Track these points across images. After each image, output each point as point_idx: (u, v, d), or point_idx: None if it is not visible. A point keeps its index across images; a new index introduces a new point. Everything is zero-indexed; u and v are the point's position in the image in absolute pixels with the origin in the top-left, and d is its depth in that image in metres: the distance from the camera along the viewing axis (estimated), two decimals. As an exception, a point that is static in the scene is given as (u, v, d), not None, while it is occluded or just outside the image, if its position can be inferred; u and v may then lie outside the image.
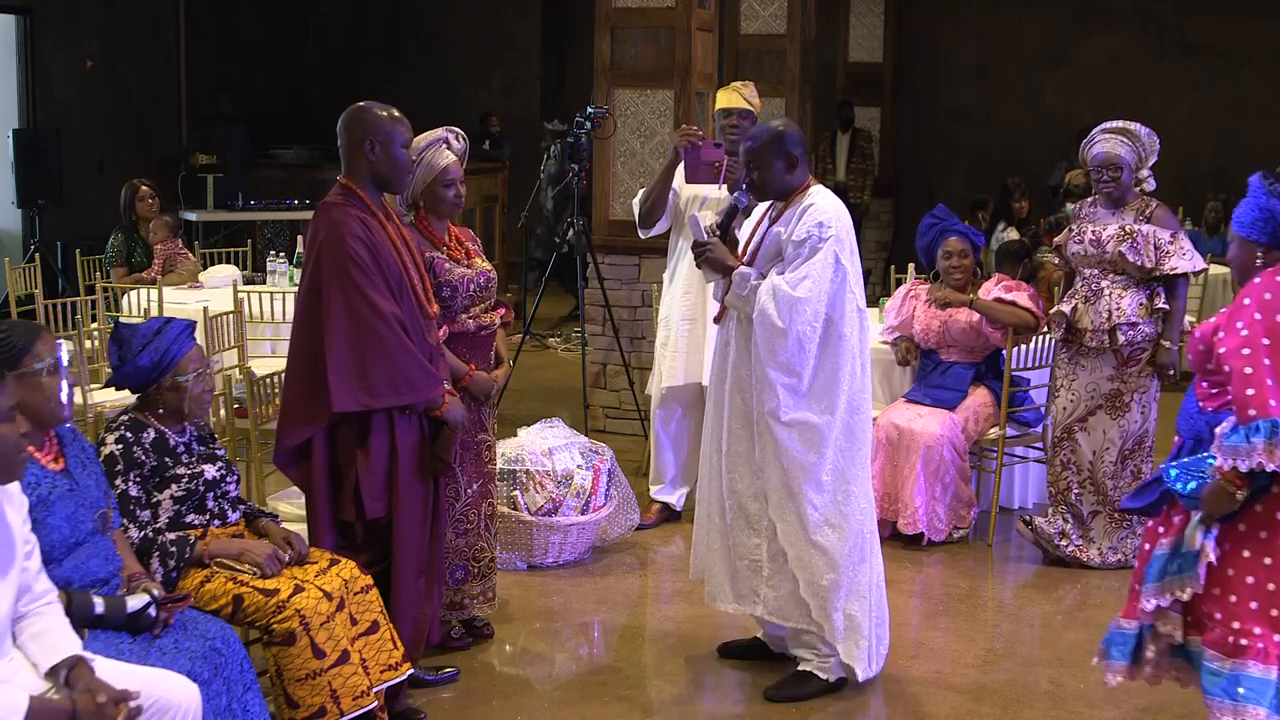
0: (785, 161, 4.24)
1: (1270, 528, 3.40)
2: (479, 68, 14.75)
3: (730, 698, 4.45)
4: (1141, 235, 5.39)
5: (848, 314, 4.15)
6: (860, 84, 13.79)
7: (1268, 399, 3.29)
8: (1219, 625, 3.46)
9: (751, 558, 4.31)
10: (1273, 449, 3.26)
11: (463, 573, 4.59)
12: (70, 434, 3.36)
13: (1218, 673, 3.43)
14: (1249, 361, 3.33)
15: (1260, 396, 3.30)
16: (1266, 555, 3.40)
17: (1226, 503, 3.38)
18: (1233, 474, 3.33)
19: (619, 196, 7.41)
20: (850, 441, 4.21)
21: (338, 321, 3.80)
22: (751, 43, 9.37)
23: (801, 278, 4.10)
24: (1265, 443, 3.26)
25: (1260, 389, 3.30)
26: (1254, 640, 3.40)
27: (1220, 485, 3.36)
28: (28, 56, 11.62)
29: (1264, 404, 3.29)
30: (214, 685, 3.24)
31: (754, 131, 4.35)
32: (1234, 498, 3.35)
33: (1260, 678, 3.38)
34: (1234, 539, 3.44)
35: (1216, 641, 3.45)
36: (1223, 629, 3.45)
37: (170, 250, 8.12)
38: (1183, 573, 3.48)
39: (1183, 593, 3.48)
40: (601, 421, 7.53)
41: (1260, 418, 3.28)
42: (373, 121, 3.93)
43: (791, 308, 4.07)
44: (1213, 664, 3.44)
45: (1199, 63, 13.24)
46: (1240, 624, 3.41)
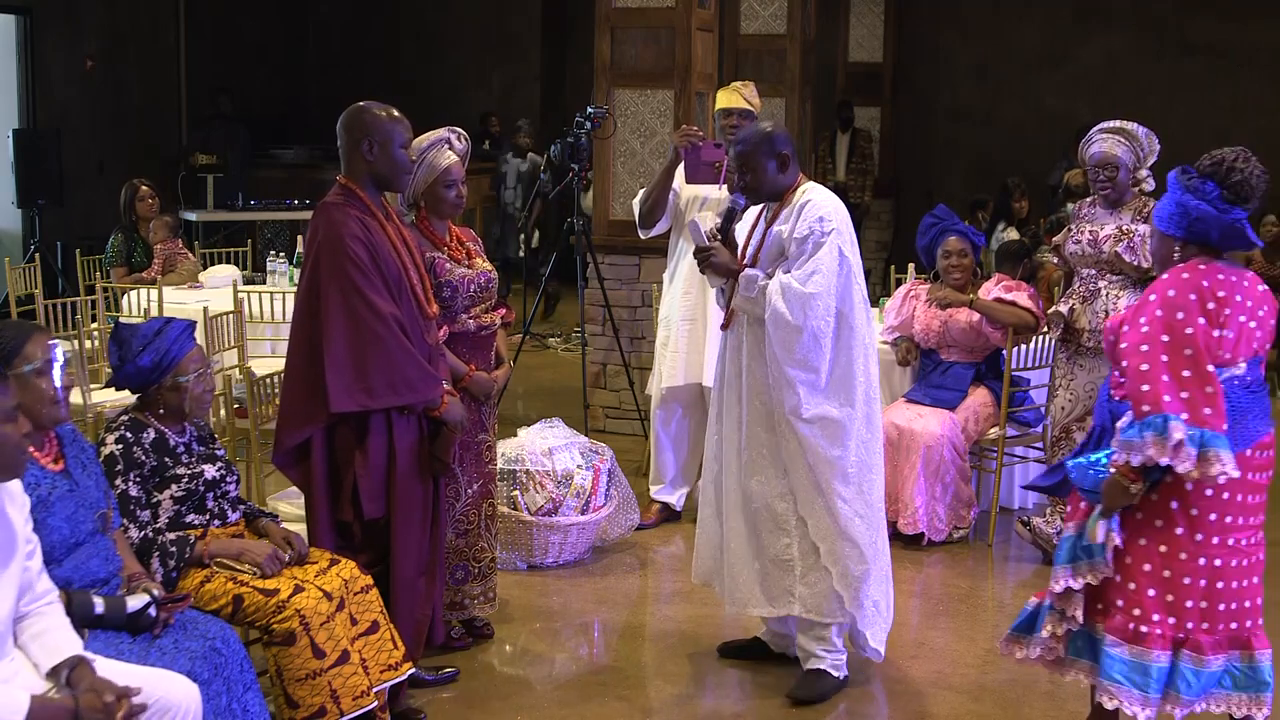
0: (777, 161, 4.26)
1: (1166, 516, 3.49)
2: (479, 68, 14.75)
3: (730, 698, 4.45)
4: (1138, 235, 5.38)
5: (856, 306, 4.19)
6: (860, 84, 13.79)
7: (1161, 394, 3.35)
8: (1120, 612, 3.54)
9: (782, 558, 4.30)
10: (1163, 444, 3.32)
11: (463, 573, 4.59)
12: (70, 434, 3.36)
13: (1121, 659, 3.52)
14: (1146, 358, 3.40)
15: (1154, 392, 3.36)
16: (1162, 543, 3.49)
17: (1122, 496, 3.45)
18: (1126, 468, 3.40)
19: (619, 196, 7.41)
20: (870, 432, 4.26)
21: (336, 322, 3.79)
22: (751, 43, 9.38)
23: (810, 273, 4.11)
24: (1155, 437, 3.33)
25: (1155, 385, 3.37)
26: (1153, 627, 3.50)
27: (1115, 479, 3.44)
28: (28, 56, 11.62)
29: (1157, 399, 3.35)
30: (214, 685, 3.24)
31: (743, 135, 4.35)
32: (1129, 491, 3.44)
33: (1161, 666, 3.49)
34: (1132, 527, 3.53)
35: (1118, 628, 3.54)
36: (1123, 616, 3.54)
37: (170, 250, 8.13)
38: (1092, 558, 3.55)
39: (1093, 577, 3.56)
40: (601, 421, 7.53)
41: (1153, 413, 3.34)
42: (371, 122, 3.93)
43: (804, 304, 4.09)
44: (1114, 650, 3.53)
45: (1199, 63, 13.24)
46: (1140, 611, 3.51)
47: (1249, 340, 3.51)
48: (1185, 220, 3.53)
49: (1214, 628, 3.52)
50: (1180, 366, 3.38)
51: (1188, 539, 3.48)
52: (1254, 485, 3.53)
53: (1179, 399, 3.35)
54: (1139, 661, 3.50)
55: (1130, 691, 3.50)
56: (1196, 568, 3.48)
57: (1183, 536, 3.48)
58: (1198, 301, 3.42)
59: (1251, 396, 3.53)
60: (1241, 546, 3.53)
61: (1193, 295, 3.42)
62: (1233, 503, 3.49)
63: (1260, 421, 3.53)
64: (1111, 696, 3.51)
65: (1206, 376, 3.38)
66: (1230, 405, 3.43)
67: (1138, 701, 3.49)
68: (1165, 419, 3.32)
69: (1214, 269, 3.49)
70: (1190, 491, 3.44)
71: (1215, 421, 3.35)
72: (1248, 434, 3.49)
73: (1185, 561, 3.48)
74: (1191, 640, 3.51)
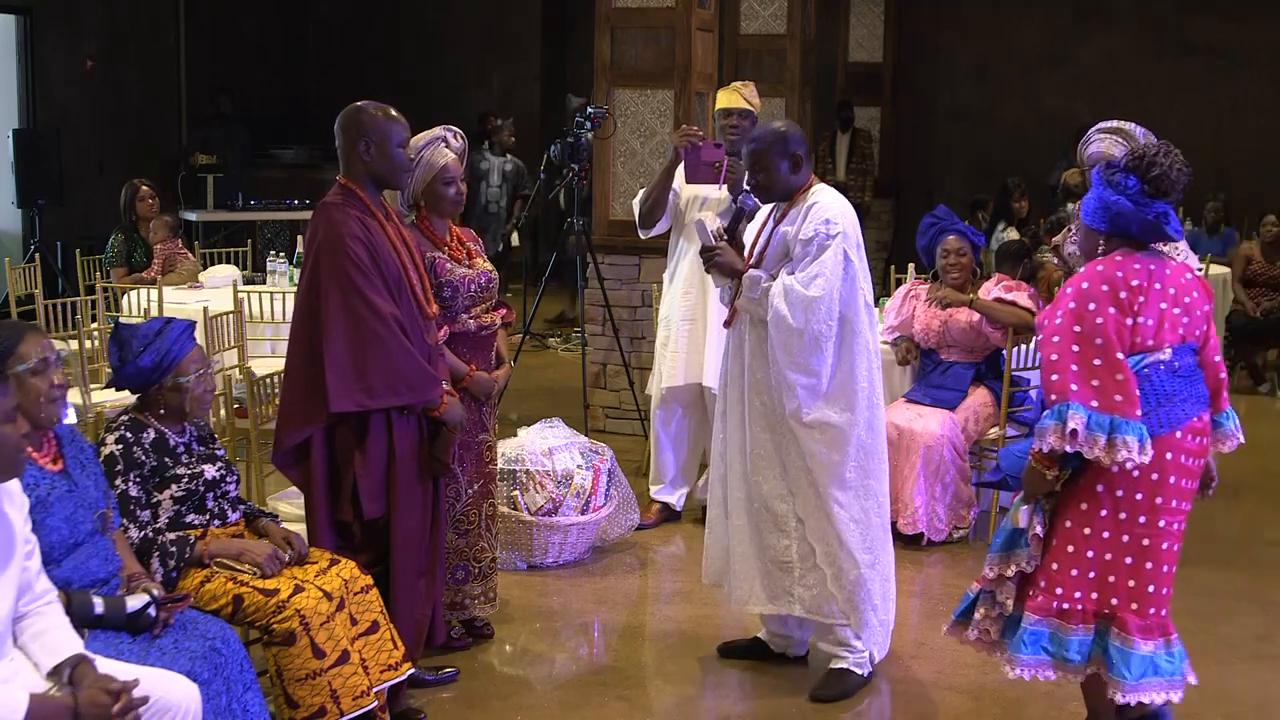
0: (790, 161, 4.24)
1: (1091, 499, 3.60)
2: (479, 68, 14.75)
3: (730, 698, 4.45)
4: None
5: (860, 310, 4.17)
6: (860, 84, 13.80)
7: (1068, 384, 3.49)
8: (1043, 592, 3.66)
9: (782, 559, 4.30)
10: (1062, 431, 3.46)
11: (463, 573, 4.59)
12: (69, 434, 3.36)
13: (1041, 634, 3.63)
14: (1057, 348, 3.54)
15: (1062, 381, 3.50)
16: (1086, 525, 3.61)
17: (1040, 483, 3.59)
18: (1040, 455, 3.54)
19: (619, 196, 7.41)
20: (872, 437, 4.24)
21: (336, 322, 3.79)
22: (751, 43, 9.37)
23: (813, 276, 4.09)
24: (1057, 424, 3.47)
25: (1063, 374, 3.51)
26: (1074, 604, 3.62)
27: (1033, 466, 3.58)
28: (28, 56, 11.62)
29: (1065, 388, 3.50)
30: (214, 685, 3.24)
31: (757, 133, 4.33)
32: (1045, 478, 3.58)
33: (1081, 639, 3.62)
34: (1059, 509, 3.66)
35: (1040, 606, 3.65)
36: (1046, 595, 3.65)
37: (170, 250, 8.12)
38: (1027, 545, 3.66)
39: (1025, 565, 3.68)
40: (601, 421, 7.53)
41: (1059, 401, 3.49)
42: (367, 122, 3.93)
43: (806, 307, 4.07)
44: (1034, 627, 3.64)
45: (1199, 63, 13.24)
46: (1062, 590, 3.63)
47: (1174, 326, 3.62)
48: (1107, 214, 3.67)
49: (1144, 610, 3.63)
50: (1091, 356, 3.51)
51: (1112, 519, 3.60)
52: (1185, 468, 3.65)
53: (1088, 387, 3.48)
54: (1057, 634, 3.63)
55: (1041, 658, 3.63)
56: (1121, 545, 3.60)
57: (1107, 518, 3.60)
58: (1109, 292, 3.55)
59: (1180, 381, 3.64)
60: (1172, 530, 3.66)
61: (1104, 286, 3.56)
62: (1164, 484, 3.61)
63: (1191, 405, 3.65)
64: (1022, 666, 3.64)
65: (1117, 365, 3.50)
66: (1154, 390, 3.57)
67: (1048, 666, 3.63)
68: (1067, 408, 3.47)
69: (1131, 260, 3.61)
70: (1115, 475, 3.56)
71: (1126, 408, 3.47)
72: (1174, 417, 3.61)
73: (1109, 541, 3.60)
74: (1118, 619, 3.62)
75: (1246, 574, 5.63)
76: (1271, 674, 4.61)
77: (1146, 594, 3.63)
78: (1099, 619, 3.64)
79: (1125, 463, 3.48)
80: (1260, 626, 5.05)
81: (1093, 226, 3.72)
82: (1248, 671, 4.63)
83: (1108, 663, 3.62)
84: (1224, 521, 6.66)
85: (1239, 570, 5.67)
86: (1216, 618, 5.12)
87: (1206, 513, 6.79)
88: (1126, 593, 3.61)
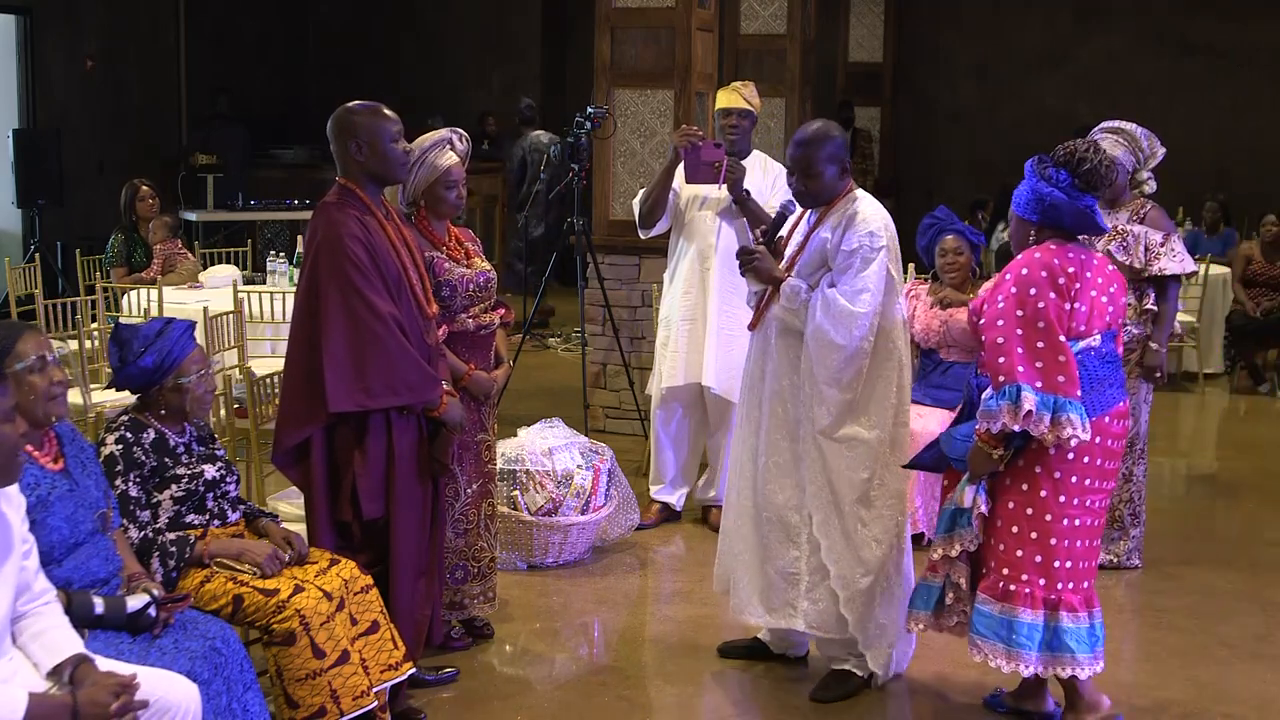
0: (838, 167, 4.16)
1: (1030, 480, 3.77)
2: (479, 68, 14.75)
3: (730, 698, 4.45)
4: (1132, 236, 5.39)
5: (897, 325, 4.12)
6: (860, 84, 13.80)
7: (1015, 365, 3.66)
8: (992, 572, 3.83)
9: (789, 570, 4.25)
10: (1016, 411, 3.62)
11: (462, 572, 4.59)
12: (70, 434, 3.36)
13: (990, 615, 3.81)
14: (1001, 332, 3.71)
15: (1009, 364, 3.67)
16: (1028, 506, 3.78)
17: (986, 463, 3.77)
18: (987, 435, 3.70)
19: (619, 196, 7.41)
20: (896, 455, 4.18)
21: (335, 322, 3.79)
22: (751, 43, 9.37)
23: (859, 291, 4.02)
24: (1010, 406, 3.63)
25: (1010, 357, 3.68)
26: (1021, 586, 3.78)
27: (979, 447, 3.75)
28: (28, 56, 11.63)
29: (1012, 370, 3.66)
30: (214, 685, 3.24)
31: (803, 136, 4.18)
32: (991, 458, 3.75)
33: (1030, 623, 3.77)
34: (1000, 491, 3.81)
35: (990, 587, 3.82)
36: (995, 575, 3.82)
37: (169, 250, 8.12)
38: (968, 525, 3.83)
39: (969, 544, 3.84)
40: (601, 421, 7.53)
41: (1008, 383, 3.65)
42: (355, 122, 3.92)
43: (850, 323, 4.01)
44: (985, 607, 3.82)
45: (1199, 63, 13.25)
46: (1009, 570, 3.80)
47: (1101, 314, 3.82)
48: (1039, 206, 3.84)
49: (1078, 586, 3.82)
50: (1034, 339, 3.68)
51: (1052, 500, 3.76)
52: (1110, 451, 3.84)
53: (1033, 369, 3.65)
54: (1005, 618, 3.78)
55: (995, 645, 3.79)
56: (1060, 529, 3.77)
57: (1047, 499, 3.76)
58: (1049, 278, 3.72)
59: (1107, 367, 3.83)
60: (1096, 508, 3.84)
61: (1044, 273, 3.72)
62: (1091, 466, 3.79)
63: (1116, 391, 3.85)
64: (979, 650, 3.81)
65: (1059, 347, 3.67)
66: (1086, 374, 3.74)
67: (1002, 655, 3.78)
68: (1018, 388, 3.62)
69: (1065, 249, 3.79)
70: (1052, 456, 3.73)
71: (1069, 388, 3.65)
72: (1103, 401, 3.80)
73: (1050, 523, 3.76)
74: (1064, 601, 3.78)
75: (1246, 574, 5.63)
76: (1271, 674, 4.61)
77: (1078, 570, 3.82)
78: (1047, 605, 3.78)
79: (1070, 440, 3.65)
80: (1260, 626, 5.05)
81: (1025, 217, 3.89)
82: (1248, 671, 4.63)
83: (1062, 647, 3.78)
84: (1224, 521, 6.67)
85: (1239, 570, 5.67)
86: (1216, 618, 5.12)
87: (1206, 512, 6.82)
88: (1065, 574, 3.79)
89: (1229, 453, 8.09)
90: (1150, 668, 4.69)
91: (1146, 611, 5.23)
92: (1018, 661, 3.77)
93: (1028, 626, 3.76)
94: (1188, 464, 7.91)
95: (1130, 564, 5.59)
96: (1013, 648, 3.77)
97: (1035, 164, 3.89)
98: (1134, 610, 5.27)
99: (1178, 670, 4.64)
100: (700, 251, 5.83)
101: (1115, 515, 5.56)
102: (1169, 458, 7.77)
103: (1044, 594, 3.77)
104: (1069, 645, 3.78)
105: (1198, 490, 7.33)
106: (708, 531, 5.99)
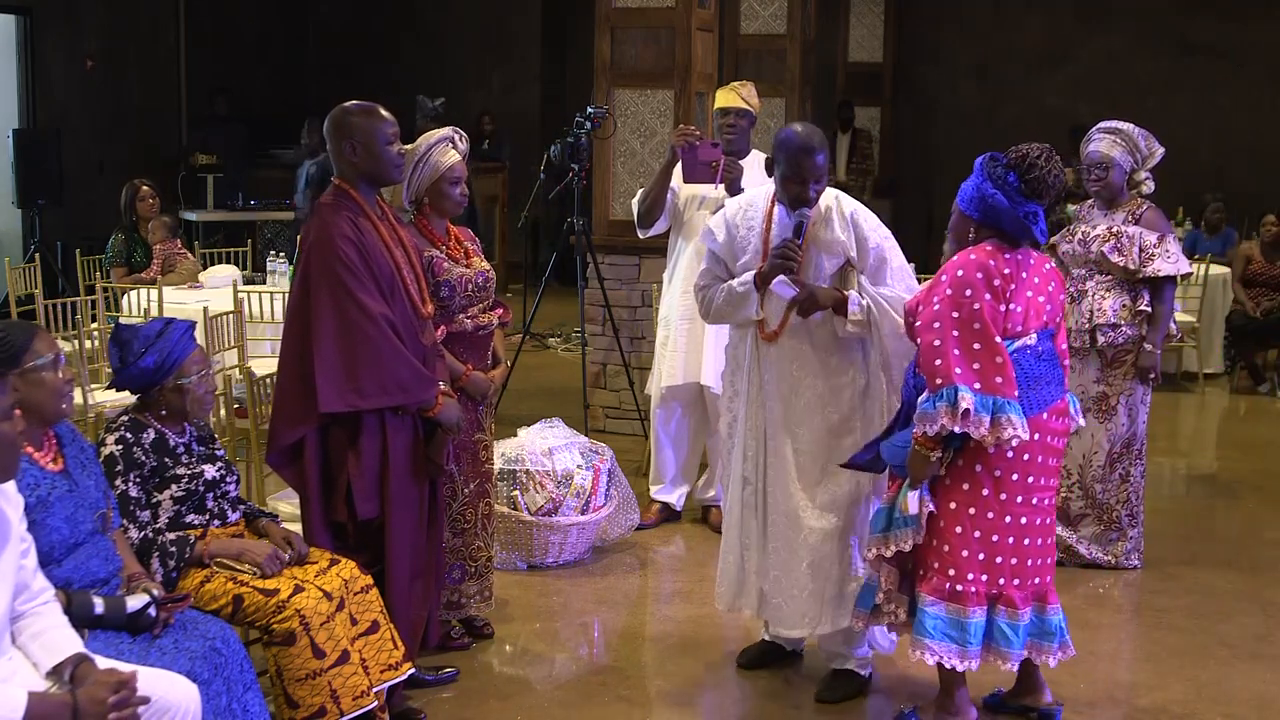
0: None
1: (972, 480, 3.78)
2: (479, 68, 14.75)
3: (730, 697, 4.45)
4: (1127, 236, 5.39)
5: None
6: (860, 84, 13.80)
7: (952, 368, 3.67)
8: (936, 573, 3.83)
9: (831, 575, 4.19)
10: (953, 413, 3.63)
11: (459, 572, 4.59)
12: (69, 434, 3.36)
13: (939, 617, 3.81)
14: (938, 334, 3.72)
15: (946, 366, 3.68)
16: (970, 505, 3.79)
17: (924, 466, 3.76)
18: (924, 438, 3.71)
19: (619, 196, 7.41)
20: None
21: (325, 322, 3.79)
22: (751, 43, 9.37)
23: (903, 278, 4.14)
24: (947, 408, 3.64)
25: (946, 359, 3.69)
26: (968, 585, 3.80)
27: (917, 450, 3.75)
28: (28, 56, 11.63)
29: (949, 372, 3.67)
30: (214, 685, 3.24)
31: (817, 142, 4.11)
32: (929, 460, 3.75)
33: (978, 622, 3.80)
34: (942, 492, 3.81)
35: (935, 588, 3.82)
36: (940, 576, 3.82)
37: (169, 250, 8.12)
38: (906, 526, 3.82)
39: (904, 544, 3.83)
40: (601, 421, 7.53)
41: (945, 385, 3.66)
42: (350, 123, 3.93)
43: None
44: (933, 609, 3.81)
45: (1199, 63, 13.25)
46: (955, 570, 3.80)
47: (1039, 314, 3.84)
48: (982, 204, 3.86)
49: (1025, 583, 3.85)
50: (970, 340, 3.69)
51: (994, 499, 3.77)
52: (1052, 448, 3.87)
53: (970, 370, 3.66)
54: (956, 619, 3.80)
55: (949, 646, 3.80)
56: (1004, 526, 3.79)
57: (989, 497, 3.78)
58: (984, 280, 3.73)
59: (1045, 365, 3.85)
60: (1042, 505, 3.86)
61: (979, 274, 3.74)
62: (1033, 463, 3.81)
63: (1055, 388, 3.86)
64: (931, 652, 3.81)
65: (995, 348, 3.69)
66: (1023, 373, 3.76)
67: (955, 655, 3.80)
68: (956, 389, 3.63)
69: (1001, 249, 3.81)
70: (992, 455, 3.74)
71: (1006, 389, 3.67)
72: (1042, 399, 3.81)
73: (993, 521, 3.78)
74: (1005, 596, 3.82)
75: (1246, 574, 5.63)
76: (1271, 674, 4.61)
77: (1025, 567, 3.84)
78: (989, 600, 3.82)
79: (1011, 440, 3.66)
80: (1260, 626, 5.05)
81: (967, 213, 3.91)
82: (1248, 671, 4.63)
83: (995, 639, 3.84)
84: (1224, 521, 6.66)
85: (1239, 570, 5.67)
86: (1216, 618, 5.12)
87: (1206, 512, 6.82)
88: (1010, 570, 3.81)
89: (1229, 453, 8.09)
90: (1150, 668, 4.69)
91: (1146, 611, 5.23)
92: (969, 660, 3.81)
93: (976, 625, 3.80)
94: (1188, 464, 7.91)
95: (1129, 564, 5.59)
96: (965, 647, 3.80)
97: (986, 161, 3.92)
98: (1134, 610, 5.27)
99: (1178, 670, 4.64)
100: (699, 251, 5.82)
101: (1113, 516, 5.56)
102: (1169, 458, 7.77)
103: (986, 589, 3.81)
104: (1000, 638, 3.83)
105: (1198, 490, 7.33)
106: (708, 531, 5.99)
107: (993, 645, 3.85)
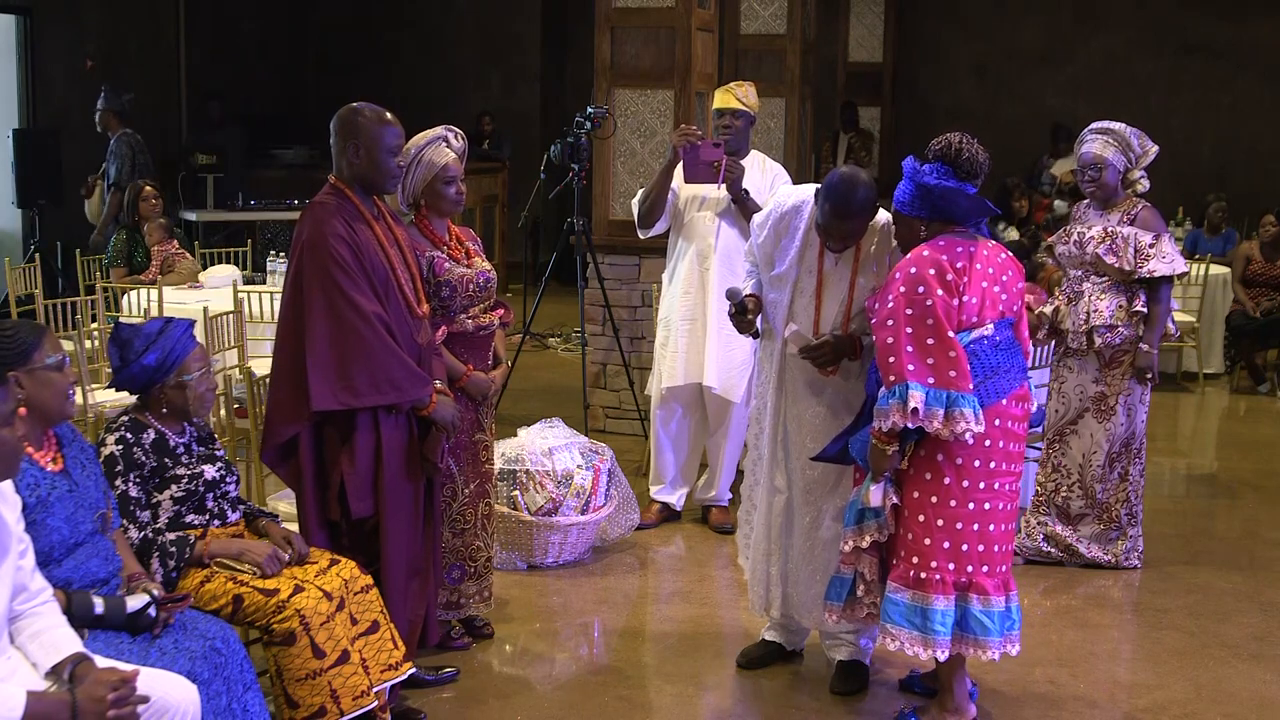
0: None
1: (933, 469, 3.84)
2: (479, 68, 14.75)
3: (730, 696, 4.45)
4: (1121, 237, 5.38)
5: None
6: (860, 84, 13.80)
7: (905, 365, 3.73)
8: (903, 561, 3.89)
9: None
10: (904, 409, 3.70)
11: (459, 572, 4.59)
12: (69, 434, 3.36)
13: (903, 604, 3.87)
14: (891, 332, 3.77)
15: (899, 363, 3.74)
16: (933, 494, 3.85)
17: (883, 460, 3.83)
18: (880, 433, 3.79)
19: (619, 196, 7.41)
20: None
21: (318, 321, 3.80)
22: (751, 43, 9.37)
23: None
24: (898, 404, 3.71)
25: (900, 356, 3.75)
26: (932, 574, 3.84)
27: (874, 445, 3.83)
28: (28, 56, 11.62)
29: (901, 369, 3.73)
30: (214, 685, 3.24)
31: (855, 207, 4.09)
32: (887, 454, 3.82)
33: (944, 610, 3.84)
34: (905, 482, 3.89)
35: (900, 575, 3.88)
36: (905, 564, 3.88)
37: (167, 251, 8.12)
38: (875, 518, 3.90)
39: (879, 535, 3.91)
40: (601, 421, 7.54)
41: (898, 382, 3.72)
42: (360, 125, 3.93)
43: None
44: (897, 595, 3.88)
45: (1199, 63, 13.25)
46: (919, 559, 3.86)
47: (994, 304, 3.88)
48: (929, 199, 3.90)
49: (994, 569, 3.88)
50: (924, 336, 3.74)
51: (956, 487, 3.83)
52: (1013, 434, 3.90)
53: (924, 366, 3.72)
54: (917, 605, 3.85)
55: (910, 633, 3.85)
56: (967, 513, 3.83)
57: (951, 485, 3.83)
58: (937, 275, 3.77)
59: (1003, 354, 3.89)
60: (1005, 491, 3.90)
61: (932, 270, 3.78)
62: (994, 449, 3.85)
63: (1015, 375, 3.92)
64: (892, 638, 3.87)
65: (948, 343, 3.74)
66: (981, 363, 3.81)
67: (918, 643, 3.84)
68: (906, 387, 3.70)
69: (953, 244, 3.85)
70: (952, 444, 3.80)
71: (960, 383, 3.73)
72: (1000, 387, 3.86)
73: (956, 509, 3.83)
74: (975, 584, 3.85)
75: (1246, 574, 5.63)
76: (1271, 674, 4.61)
77: (993, 554, 3.88)
78: (958, 588, 3.85)
79: (964, 434, 3.72)
80: (1260, 626, 5.05)
81: (912, 215, 3.95)
82: (1248, 671, 4.63)
83: (971, 629, 3.85)
84: (1224, 521, 6.66)
85: (1239, 570, 5.67)
86: (1216, 618, 5.12)
87: (1206, 512, 6.82)
88: (977, 557, 3.85)
89: (1229, 453, 8.09)
90: (1150, 668, 4.69)
91: (1146, 611, 5.23)
92: (933, 648, 3.84)
93: (940, 613, 3.83)
94: (1188, 464, 7.91)
95: (1128, 564, 5.58)
96: (927, 634, 3.83)
97: (914, 160, 3.97)
98: (1134, 610, 5.27)
99: (1178, 670, 4.64)
100: (700, 252, 5.83)
101: (1113, 515, 5.56)
102: (1169, 458, 7.77)
103: (954, 578, 3.84)
104: (977, 627, 3.86)
105: (1198, 490, 7.33)
106: (708, 531, 5.99)
107: (968, 635, 3.87)
